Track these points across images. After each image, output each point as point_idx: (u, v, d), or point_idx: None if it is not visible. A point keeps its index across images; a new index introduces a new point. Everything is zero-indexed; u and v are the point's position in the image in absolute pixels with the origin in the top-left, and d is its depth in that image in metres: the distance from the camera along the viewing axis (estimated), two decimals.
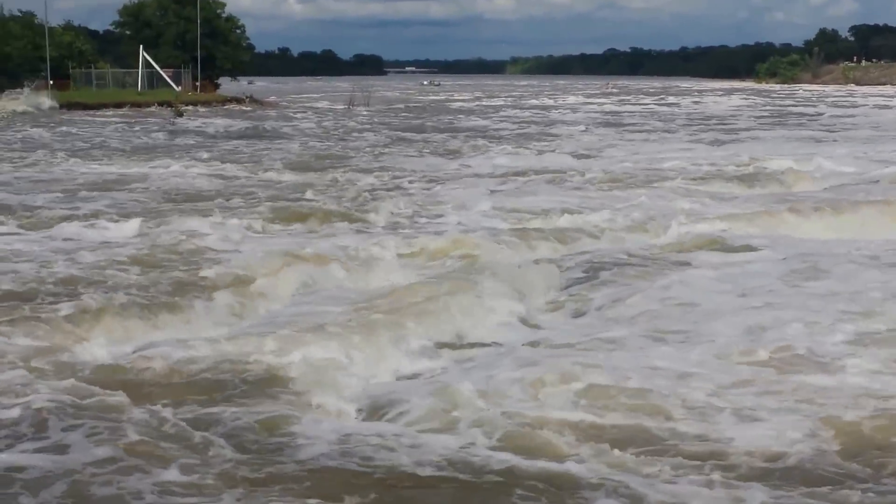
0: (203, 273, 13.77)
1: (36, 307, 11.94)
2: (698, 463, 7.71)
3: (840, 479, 7.49)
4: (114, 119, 57.17)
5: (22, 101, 63.42)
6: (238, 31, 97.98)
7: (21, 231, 17.95)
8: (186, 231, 17.47)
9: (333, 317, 11.55)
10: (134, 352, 10.57)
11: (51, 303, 12.13)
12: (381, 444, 7.92)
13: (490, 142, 40.95)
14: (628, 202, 21.17)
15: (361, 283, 14.00)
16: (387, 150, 37.08)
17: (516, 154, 34.46)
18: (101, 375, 9.75)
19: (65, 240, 16.88)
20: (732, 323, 11.36)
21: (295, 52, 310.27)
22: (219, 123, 54.89)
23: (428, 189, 24.44)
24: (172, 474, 7.39)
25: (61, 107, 63.44)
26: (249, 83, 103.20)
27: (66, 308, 11.78)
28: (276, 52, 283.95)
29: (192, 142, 41.35)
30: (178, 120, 57.34)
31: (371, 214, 19.99)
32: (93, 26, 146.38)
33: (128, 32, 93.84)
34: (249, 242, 16.55)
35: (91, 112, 62.45)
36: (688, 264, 15.03)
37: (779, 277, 13.70)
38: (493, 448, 7.91)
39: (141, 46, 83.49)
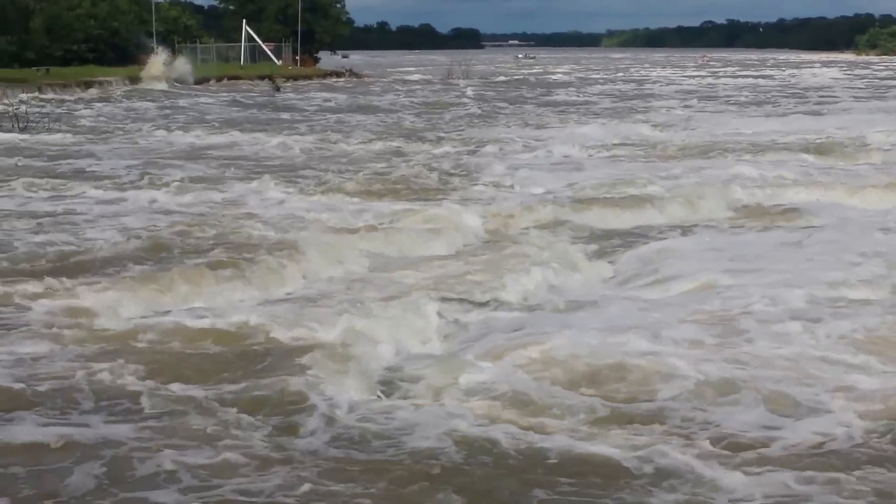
0: (265, 242, 14.16)
1: (76, 272, 12.29)
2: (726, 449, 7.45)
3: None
4: (216, 93, 59.07)
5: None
6: (338, 5, 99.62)
7: (98, 196, 19.07)
8: (261, 200, 18.44)
9: (390, 286, 11.88)
10: (171, 319, 10.50)
11: (93, 269, 12.53)
12: (407, 421, 7.80)
13: (581, 114, 41.89)
14: (708, 172, 22.07)
15: (423, 253, 14.21)
16: (479, 122, 38.24)
17: (605, 126, 35.30)
18: (133, 345, 9.71)
19: (136, 205, 17.98)
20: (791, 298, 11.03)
21: (393, 26, 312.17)
22: (317, 96, 56.50)
23: (513, 159, 25.34)
24: (198, 452, 7.23)
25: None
26: (344, 56, 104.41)
27: (110, 273, 12.23)
28: (375, 26, 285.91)
29: (288, 115, 42.84)
30: (277, 94, 58.92)
31: (451, 185, 20.71)
32: (198, 1, 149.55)
33: (231, 7, 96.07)
34: (323, 212, 17.12)
35: (195, 86, 64.38)
36: (760, 232, 15.61)
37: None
38: (522, 427, 7.71)
39: (244, 21, 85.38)
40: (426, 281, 12.36)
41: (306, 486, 6.76)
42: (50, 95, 51.66)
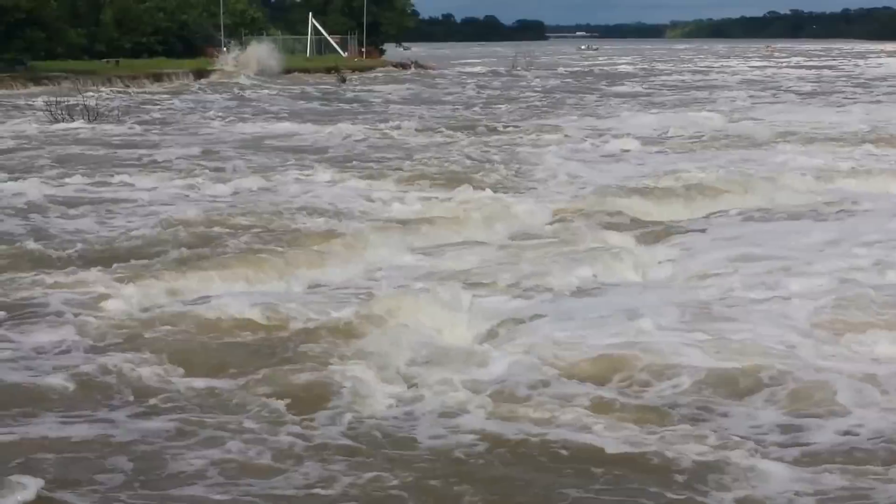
0: (307, 229, 14.47)
1: (110, 260, 12.51)
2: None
3: None
4: (282, 85, 59.79)
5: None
6: None
7: (150, 184, 19.49)
8: (310, 188, 18.88)
9: (431, 275, 11.98)
10: (203, 308, 10.47)
11: (128, 256, 12.73)
12: (436, 412, 7.81)
13: (642, 104, 41.99)
14: (765, 161, 22.24)
15: (466, 241, 14.25)
16: (539, 112, 38.57)
17: (665, 115, 35.46)
18: (164, 335, 9.78)
19: (185, 193, 18.49)
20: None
21: (458, 18, 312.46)
22: (382, 88, 57.02)
23: (568, 149, 25.56)
24: (228, 446, 7.22)
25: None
26: (405, 49, 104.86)
27: (145, 260, 12.45)
28: (440, 18, 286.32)
29: (351, 106, 43.45)
30: (343, 85, 59.52)
31: (503, 174, 20.91)
32: None
33: (298, 0, 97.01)
34: (371, 200, 17.41)
35: (261, 77, 65.13)
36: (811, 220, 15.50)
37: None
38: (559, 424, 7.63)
39: (310, 14, 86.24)
40: (467, 270, 12.39)
41: (336, 479, 6.76)
42: (119, 87, 52.78)
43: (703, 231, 14.87)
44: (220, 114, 38.67)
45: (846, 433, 7.46)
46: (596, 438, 7.29)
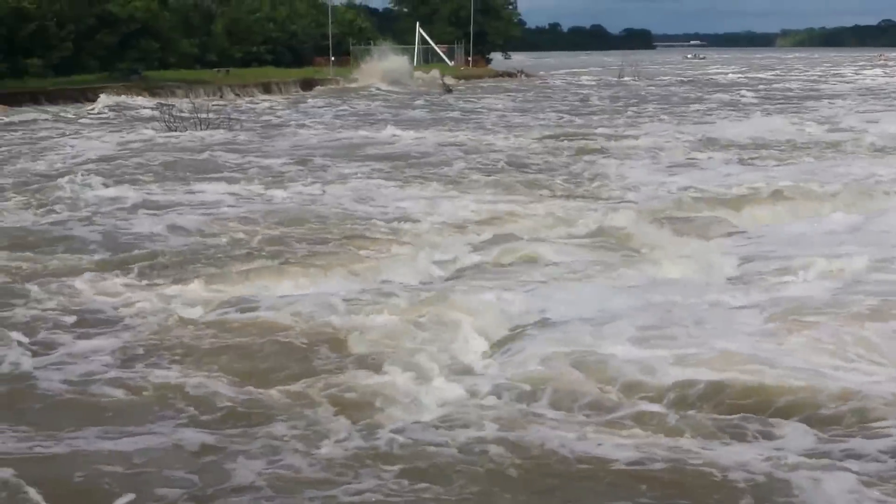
0: (376, 234, 14.97)
1: (171, 266, 12.97)
2: None
3: None
4: (387, 93, 60.36)
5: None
6: (510, 7, 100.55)
7: (235, 190, 19.96)
8: (389, 193, 19.26)
9: (492, 281, 12.02)
10: (258, 313, 10.64)
11: (192, 262, 13.18)
12: (490, 420, 7.83)
13: (746, 113, 41.57)
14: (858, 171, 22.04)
15: (528, 249, 14.11)
16: (638, 120, 38.53)
17: (765, 122, 35.16)
18: (219, 341, 9.94)
19: (269, 198, 19.00)
20: None
21: (565, 27, 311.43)
22: (486, 97, 57.22)
23: (658, 159, 25.49)
24: (282, 456, 7.33)
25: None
26: (505, 57, 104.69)
27: (206, 266, 12.89)
28: (546, 27, 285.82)
29: (454, 114, 43.61)
30: (448, 94, 59.79)
31: (585, 181, 21.11)
32: (373, 4, 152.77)
33: (405, 10, 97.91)
34: (447, 206, 17.62)
35: (366, 87, 65.85)
36: None
37: None
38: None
39: (417, 23, 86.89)
40: (527, 276, 12.39)
41: (389, 489, 6.83)
42: (230, 96, 53.90)
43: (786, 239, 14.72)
44: (323, 122, 39.28)
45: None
46: (638, 453, 7.25)
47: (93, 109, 43.63)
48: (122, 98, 48.01)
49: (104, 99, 46.50)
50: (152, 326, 10.36)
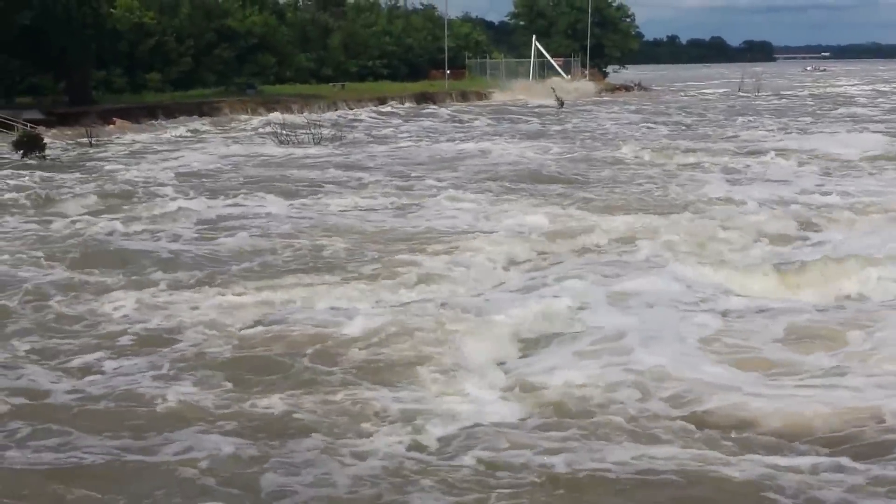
0: (445, 246, 15.25)
1: (240, 276, 13.53)
2: None
3: None
4: (500, 106, 59.80)
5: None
6: (628, 19, 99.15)
7: (328, 203, 20.43)
8: (467, 206, 19.51)
9: (558, 294, 12.15)
10: (313, 323, 11.01)
11: (259, 273, 13.67)
12: (534, 433, 8.06)
13: (860, 128, 39.99)
14: None
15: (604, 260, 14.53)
16: (747, 133, 37.81)
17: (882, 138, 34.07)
18: (271, 352, 10.28)
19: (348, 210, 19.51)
20: None
21: (683, 39, 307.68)
22: (600, 110, 56.27)
23: (762, 174, 25.08)
24: (336, 465, 7.48)
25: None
26: (614, 71, 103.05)
27: (276, 276, 13.42)
28: (665, 39, 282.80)
29: (562, 128, 42.95)
30: (562, 108, 58.95)
31: (679, 195, 20.88)
32: (489, 18, 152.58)
33: (521, 23, 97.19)
34: (526, 219, 17.84)
35: (485, 100, 65.35)
36: None
37: None
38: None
39: (534, 36, 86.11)
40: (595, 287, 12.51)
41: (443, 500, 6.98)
42: (344, 110, 53.70)
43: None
44: (432, 136, 38.82)
45: None
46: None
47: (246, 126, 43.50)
48: (236, 114, 48.11)
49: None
50: (201, 338, 10.76)
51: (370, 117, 50.60)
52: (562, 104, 61.34)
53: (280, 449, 7.80)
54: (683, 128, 42.29)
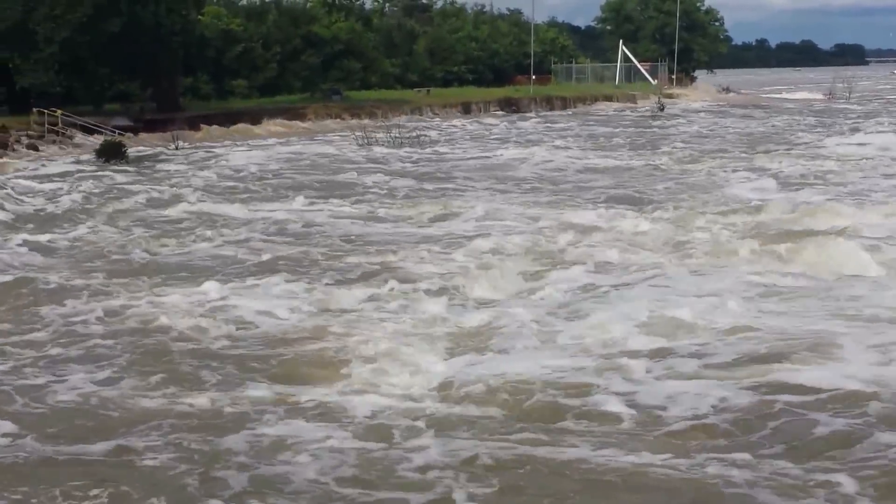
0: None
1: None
2: None
3: None
4: (586, 113, 59.23)
5: None
6: (716, 23, 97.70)
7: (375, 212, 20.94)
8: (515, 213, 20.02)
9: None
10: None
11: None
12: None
13: None
14: None
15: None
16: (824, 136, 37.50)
17: None
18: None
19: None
20: None
21: (773, 42, 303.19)
22: (692, 116, 55.44)
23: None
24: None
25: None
26: (695, 77, 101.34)
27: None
28: (753, 43, 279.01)
29: (650, 132, 42.29)
30: (660, 113, 58.30)
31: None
32: (575, 22, 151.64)
33: (608, 28, 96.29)
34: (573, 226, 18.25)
35: (572, 106, 64.72)
36: None
37: None
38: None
39: (621, 41, 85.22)
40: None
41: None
42: (429, 115, 53.45)
43: None
44: (513, 142, 38.44)
45: None
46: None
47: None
48: (321, 120, 48.17)
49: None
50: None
51: (455, 122, 50.37)
52: (662, 108, 60.79)
53: (211, 444, 8.25)
54: (770, 133, 41.32)
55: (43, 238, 17.91)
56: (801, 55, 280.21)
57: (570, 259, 15.51)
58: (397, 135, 35.27)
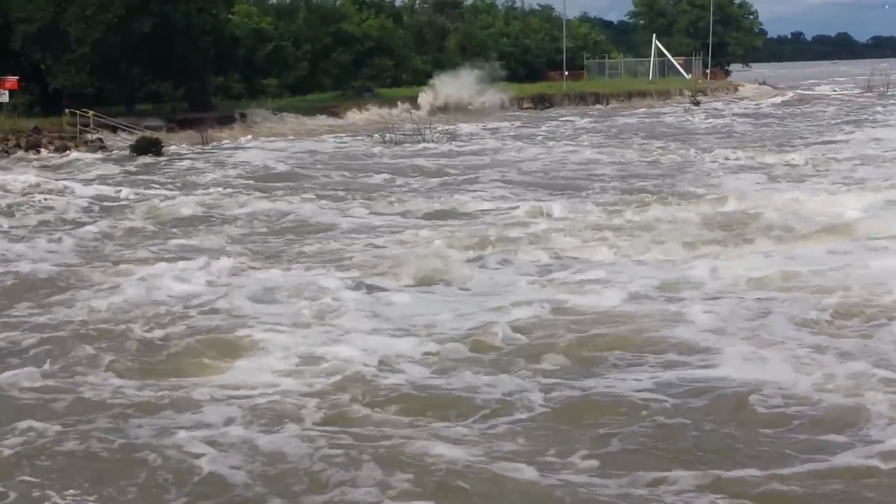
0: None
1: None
2: None
3: None
4: (617, 109, 58.84)
5: None
6: (751, 16, 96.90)
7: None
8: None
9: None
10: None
11: None
12: None
13: None
14: None
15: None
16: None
17: None
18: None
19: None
20: None
21: (808, 35, 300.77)
22: (725, 109, 55.03)
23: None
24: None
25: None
26: (727, 72, 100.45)
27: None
28: (789, 36, 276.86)
29: (700, 127, 41.89)
30: (694, 108, 57.92)
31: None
32: (608, 17, 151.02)
33: (641, 22, 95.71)
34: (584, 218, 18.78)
35: (605, 101, 64.34)
36: None
37: None
38: None
39: (654, 35, 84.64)
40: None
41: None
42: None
43: None
44: (548, 139, 38.10)
45: None
46: None
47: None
48: (348, 118, 48.16)
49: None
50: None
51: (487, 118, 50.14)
52: (698, 103, 60.52)
53: (114, 431, 8.53)
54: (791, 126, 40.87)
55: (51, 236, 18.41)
56: (837, 48, 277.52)
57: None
58: (424, 132, 35.00)
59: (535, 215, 19.55)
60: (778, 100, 66.41)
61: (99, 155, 33.74)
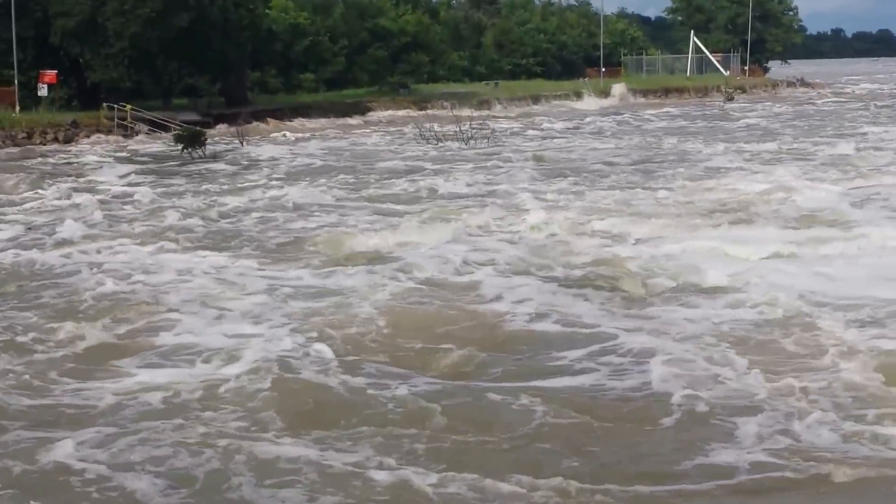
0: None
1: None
2: None
3: None
4: (659, 105, 58.51)
5: None
6: (790, 12, 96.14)
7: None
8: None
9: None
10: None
11: None
12: None
13: None
14: None
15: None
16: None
17: None
18: None
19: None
20: None
21: (849, 32, 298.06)
22: (760, 107, 54.56)
23: None
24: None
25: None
26: (766, 69, 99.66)
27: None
28: (828, 33, 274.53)
29: (733, 125, 41.60)
30: (728, 105, 57.49)
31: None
32: (645, 13, 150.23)
33: (679, 18, 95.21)
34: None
35: (639, 100, 64.04)
36: None
37: None
38: None
39: (692, 31, 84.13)
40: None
41: None
42: (497, 109, 52.99)
43: None
44: (585, 138, 37.94)
45: None
46: None
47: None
48: (388, 112, 48.13)
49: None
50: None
51: (524, 115, 50.00)
52: (731, 99, 60.13)
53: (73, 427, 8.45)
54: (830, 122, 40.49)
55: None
56: (879, 45, 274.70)
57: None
58: (466, 129, 34.71)
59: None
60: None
61: (138, 145, 33.99)
